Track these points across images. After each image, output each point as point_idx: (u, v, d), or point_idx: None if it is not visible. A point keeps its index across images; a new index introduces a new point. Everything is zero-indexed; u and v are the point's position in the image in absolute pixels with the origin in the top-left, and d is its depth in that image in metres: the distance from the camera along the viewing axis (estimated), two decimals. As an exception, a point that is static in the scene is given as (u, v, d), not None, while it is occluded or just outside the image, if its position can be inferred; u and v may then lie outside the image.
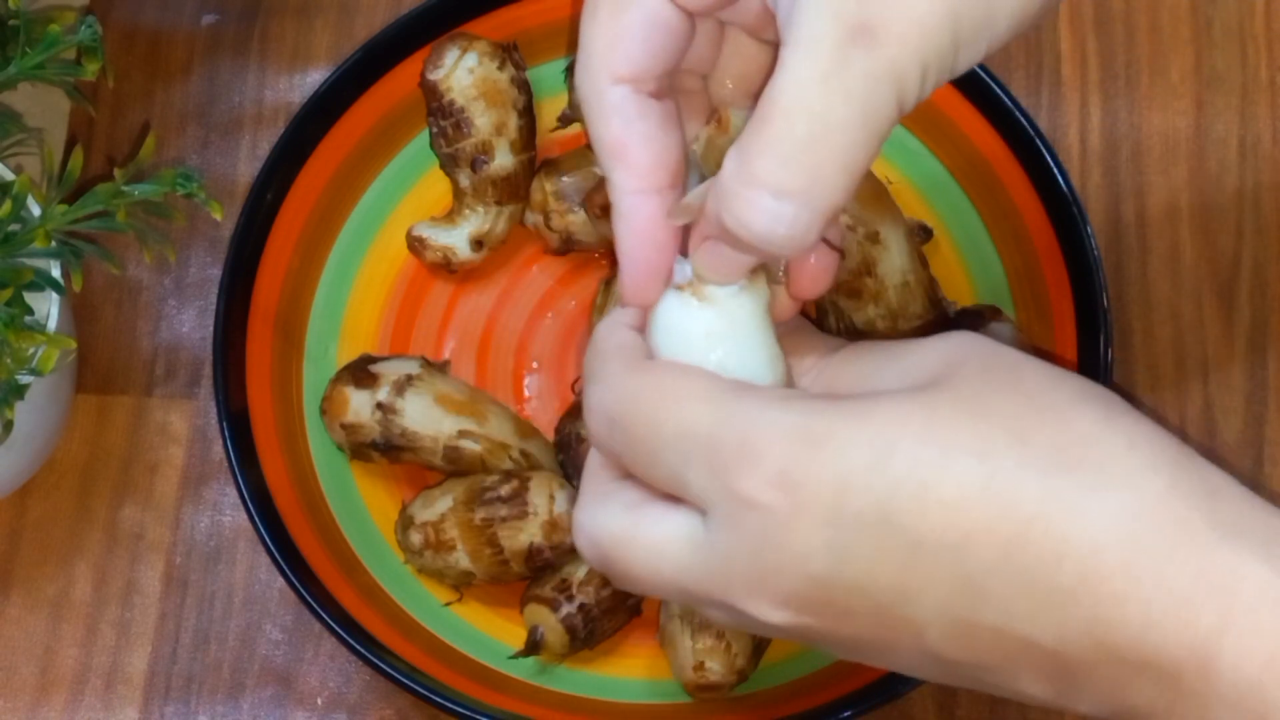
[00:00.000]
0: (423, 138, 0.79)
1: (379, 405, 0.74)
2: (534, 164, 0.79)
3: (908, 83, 0.50)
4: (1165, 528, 0.48)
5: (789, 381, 0.55)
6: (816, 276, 0.56)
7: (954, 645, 0.50)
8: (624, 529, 0.53)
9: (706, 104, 0.58)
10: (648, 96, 0.55)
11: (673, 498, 0.52)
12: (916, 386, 0.51)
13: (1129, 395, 0.80)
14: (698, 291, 0.54)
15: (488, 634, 0.75)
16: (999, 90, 0.76)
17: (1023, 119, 0.76)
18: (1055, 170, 0.75)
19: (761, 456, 0.50)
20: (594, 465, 0.56)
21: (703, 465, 0.51)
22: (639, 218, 0.55)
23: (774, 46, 0.52)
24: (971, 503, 0.49)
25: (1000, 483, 0.49)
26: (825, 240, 0.56)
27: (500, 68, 0.76)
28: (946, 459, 0.49)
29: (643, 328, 0.56)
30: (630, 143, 0.54)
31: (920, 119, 0.79)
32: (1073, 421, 0.50)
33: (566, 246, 0.79)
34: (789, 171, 0.50)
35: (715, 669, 0.71)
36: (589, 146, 0.79)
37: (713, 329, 0.54)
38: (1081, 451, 0.49)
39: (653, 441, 0.52)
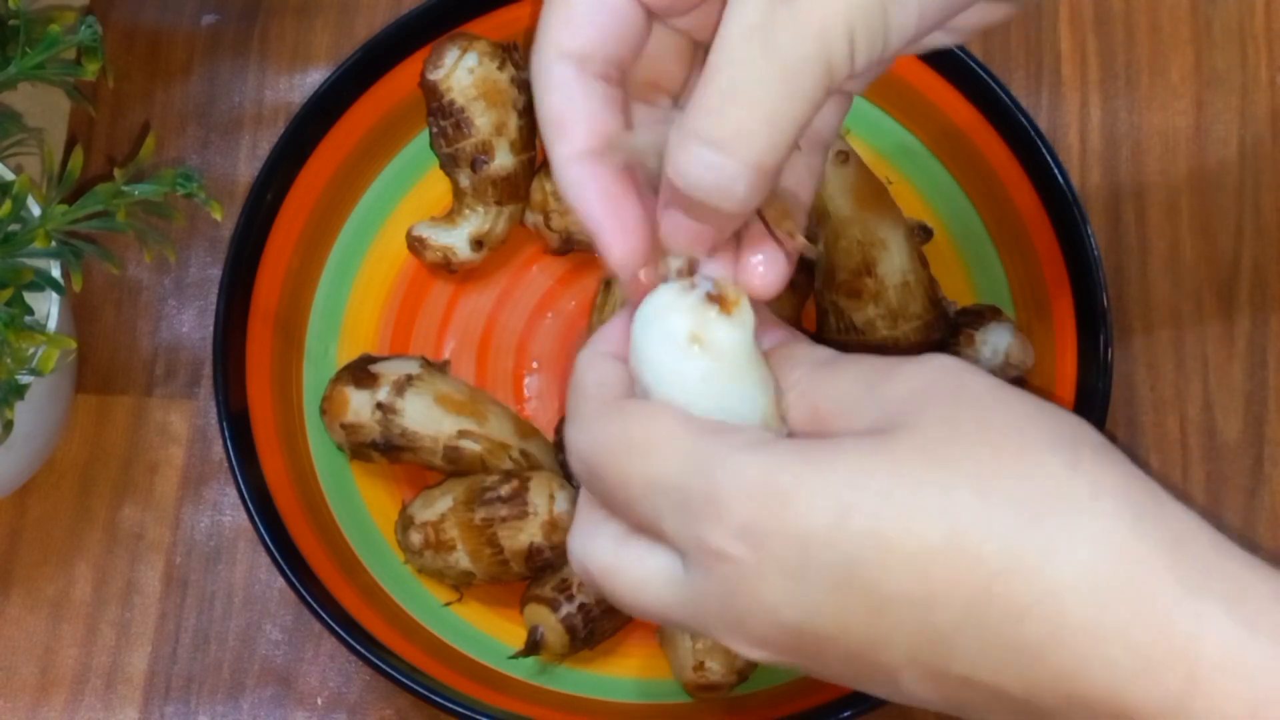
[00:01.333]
0: (423, 138, 0.79)
1: (379, 405, 0.74)
2: (534, 164, 0.79)
3: (833, 43, 0.50)
4: (1129, 584, 0.48)
5: (777, 404, 0.55)
6: (767, 278, 0.56)
7: (926, 689, 0.51)
8: (611, 561, 0.54)
9: None
10: (593, 77, 0.55)
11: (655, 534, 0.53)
12: (886, 427, 0.51)
13: (1128, 396, 0.80)
14: (694, 338, 0.54)
15: (488, 634, 0.75)
16: (999, 90, 0.76)
17: (1023, 119, 0.76)
18: (1055, 170, 0.75)
19: (727, 510, 0.50)
20: (585, 494, 0.56)
21: (674, 515, 0.52)
22: (587, 180, 0.55)
23: None
24: (934, 558, 0.49)
25: (962, 538, 0.49)
26: (775, 240, 0.56)
27: (500, 68, 0.76)
28: (908, 514, 0.49)
29: (623, 355, 0.56)
30: (569, 115, 0.55)
31: (921, 119, 0.79)
32: (1037, 470, 0.49)
33: (566, 246, 0.79)
34: (713, 121, 0.51)
35: (715, 669, 0.71)
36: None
37: (708, 372, 0.54)
38: (1044, 504, 0.49)
39: (625, 492, 0.53)
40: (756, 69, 0.50)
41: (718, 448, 0.51)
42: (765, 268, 0.56)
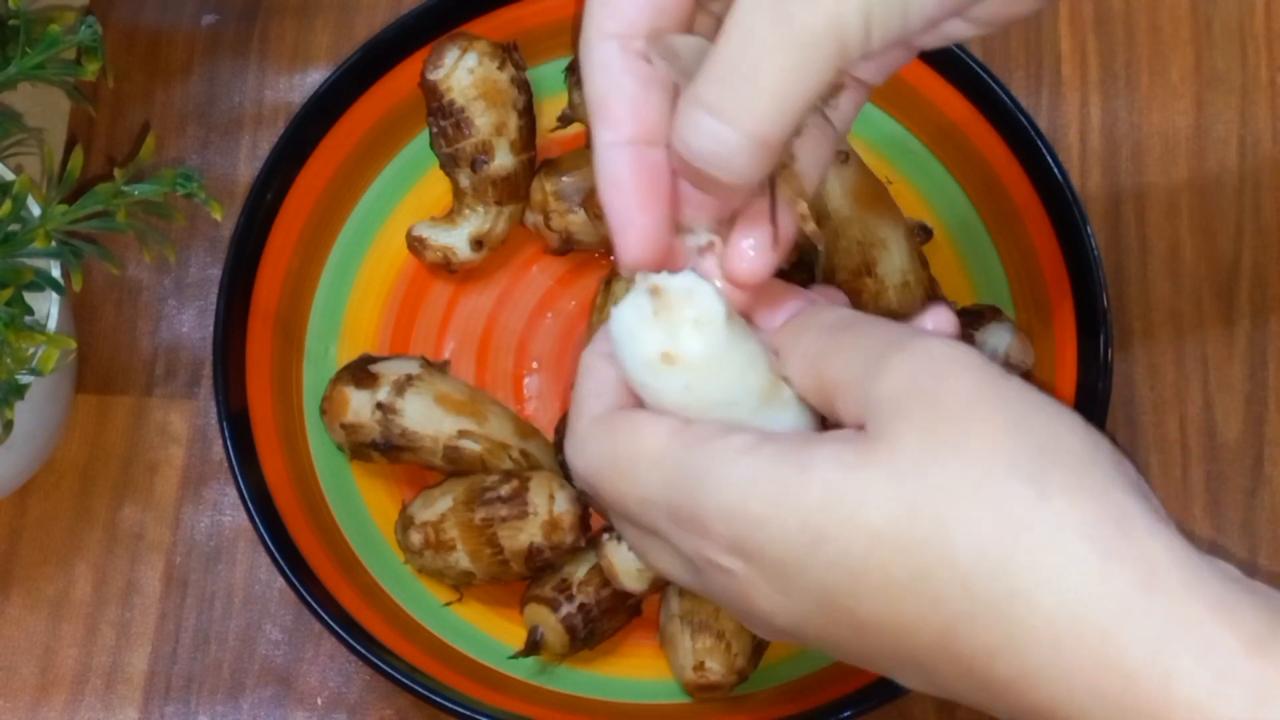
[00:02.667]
0: (423, 138, 0.79)
1: (379, 405, 0.74)
2: (534, 164, 0.79)
3: (847, 17, 0.50)
4: (1093, 634, 0.47)
5: (772, 371, 0.55)
6: (754, 264, 0.56)
7: (925, 689, 0.52)
8: (640, 552, 0.57)
9: None
10: (636, 56, 0.55)
11: None
12: (869, 428, 0.51)
13: (1128, 396, 0.80)
14: (665, 358, 0.54)
15: (488, 634, 0.75)
16: (999, 90, 0.76)
17: (1023, 119, 0.76)
18: (1055, 170, 0.75)
19: (713, 529, 0.52)
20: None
21: (670, 527, 0.53)
22: (614, 168, 0.55)
23: None
24: (900, 592, 0.49)
25: (926, 576, 0.49)
26: (773, 223, 0.56)
27: (500, 68, 0.76)
28: (874, 546, 0.49)
29: None
30: (610, 97, 0.55)
31: (921, 119, 0.79)
32: (1003, 503, 0.48)
33: (566, 246, 0.79)
34: (719, 91, 0.51)
35: (715, 669, 0.71)
36: (589, 146, 0.80)
37: (689, 382, 0.54)
38: (1007, 541, 0.48)
39: (623, 507, 0.55)
40: (764, 39, 0.50)
41: (696, 465, 0.52)
42: (755, 253, 0.56)
